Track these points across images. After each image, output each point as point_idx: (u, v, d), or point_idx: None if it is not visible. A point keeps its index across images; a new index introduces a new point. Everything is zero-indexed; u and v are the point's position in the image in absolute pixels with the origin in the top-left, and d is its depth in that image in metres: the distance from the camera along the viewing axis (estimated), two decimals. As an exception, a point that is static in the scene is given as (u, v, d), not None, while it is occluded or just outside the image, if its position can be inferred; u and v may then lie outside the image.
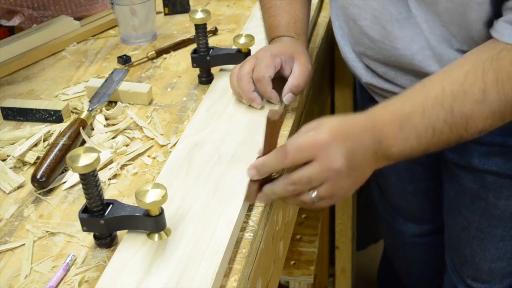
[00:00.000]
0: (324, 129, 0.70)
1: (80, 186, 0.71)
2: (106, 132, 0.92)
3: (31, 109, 0.96)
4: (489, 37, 0.79)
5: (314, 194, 0.70)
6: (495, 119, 0.74)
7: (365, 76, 1.04)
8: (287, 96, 0.90)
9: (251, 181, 0.72)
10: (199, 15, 0.98)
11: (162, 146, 0.90)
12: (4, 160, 0.88)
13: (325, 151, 0.69)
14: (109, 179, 0.83)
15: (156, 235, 0.67)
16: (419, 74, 0.91)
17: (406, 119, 0.73)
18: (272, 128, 0.69)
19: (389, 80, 0.99)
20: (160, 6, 1.34)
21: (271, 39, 1.00)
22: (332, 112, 1.48)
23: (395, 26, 0.89)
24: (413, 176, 1.28)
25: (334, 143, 0.69)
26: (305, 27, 1.01)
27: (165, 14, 1.35)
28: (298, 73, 0.90)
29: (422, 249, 1.43)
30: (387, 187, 1.37)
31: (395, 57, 0.93)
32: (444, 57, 0.88)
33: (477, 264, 1.17)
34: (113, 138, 0.92)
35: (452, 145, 0.76)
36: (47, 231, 0.74)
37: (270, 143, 0.71)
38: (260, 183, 0.73)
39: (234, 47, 1.01)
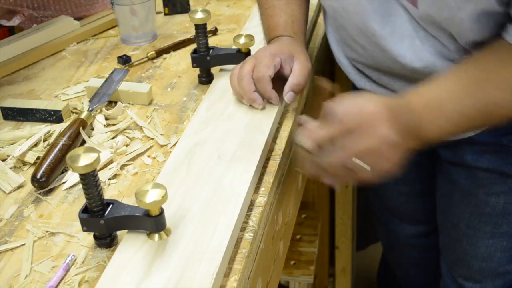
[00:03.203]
0: (371, 101, 0.76)
1: (80, 186, 0.71)
2: (106, 132, 0.92)
3: (31, 109, 0.96)
4: (481, 35, 0.81)
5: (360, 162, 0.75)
6: None
7: (359, 82, 1.04)
8: (288, 95, 0.90)
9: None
10: (199, 15, 0.98)
11: (162, 146, 0.90)
12: (4, 160, 0.88)
13: (372, 124, 0.75)
14: (109, 179, 0.83)
15: (156, 235, 0.67)
16: (414, 81, 0.91)
17: (433, 102, 0.78)
18: (323, 96, 0.79)
19: (383, 85, 0.99)
20: (160, 6, 1.34)
21: (269, 39, 1.00)
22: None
23: (381, 40, 0.90)
24: (408, 177, 1.28)
25: (384, 115, 0.75)
26: (303, 26, 1.01)
27: (165, 14, 1.35)
28: (298, 72, 0.90)
29: (417, 250, 1.43)
30: (382, 188, 1.37)
31: (387, 64, 0.93)
32: (439, 68, 0.88)
33: (468, 263, 1.17)
34: (113, 138, 0.92)
35: (481, 129, 0.87)
36: (47, 231, 0.74)
37: (318, 108, 0.78)
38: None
39: (234, 47, 1.01)
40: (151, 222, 0.66)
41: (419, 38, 0.87)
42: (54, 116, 0.96)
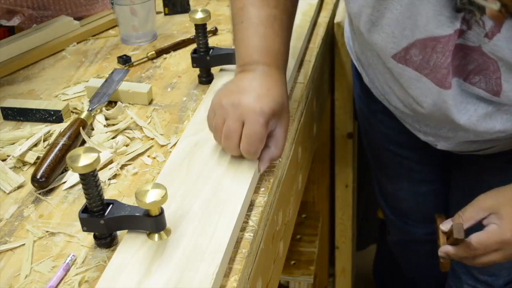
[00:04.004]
0: (507, 226, 0.89)
1: (80, 186, 0.71)
2: (106, 132, 0.92)
3: (31, 109, 0.96)
4: None
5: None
6: None
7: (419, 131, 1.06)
8: (264, 167, 0.80)
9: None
10: (199, 15, 0.98)
11: (162, 146, 0.90)
12: (4, 160, 0.88)
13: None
14: (109, 179, 0.83)
15: (156, 235, 0.67)
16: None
17: None
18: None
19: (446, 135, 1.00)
20: (160, 6, 1.34)
21: (253, 61, 0.84)
22: (332, 112, 1.47)
23: (455, 121, 0.92)
24: (422, 176, 1.30)
25: None
26: (286, 54, 0.88)
27: (165, 14, 1.35)
28: (281, 140, 0.80)
29: (430, 245, 1.43)
30: (397, 193, 1.37)
31: (451, 124, 0.94)
32: None
33: None
34: (113, 138, 0.92)
35: None
36: (47, 231, 0.74)
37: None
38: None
39: (234, 47, 1.01)
40: (151, 222, 0.67)
41: (500, 113, 0.89)
42: (54, 116, 0.96)
